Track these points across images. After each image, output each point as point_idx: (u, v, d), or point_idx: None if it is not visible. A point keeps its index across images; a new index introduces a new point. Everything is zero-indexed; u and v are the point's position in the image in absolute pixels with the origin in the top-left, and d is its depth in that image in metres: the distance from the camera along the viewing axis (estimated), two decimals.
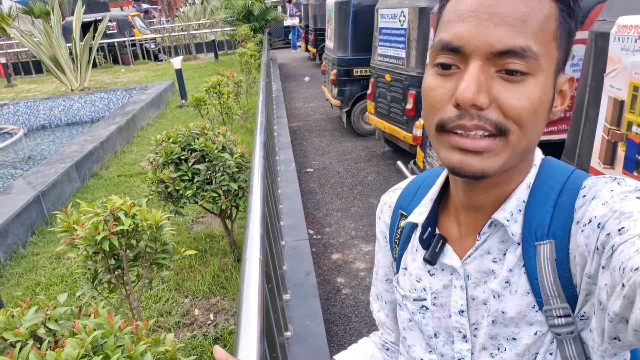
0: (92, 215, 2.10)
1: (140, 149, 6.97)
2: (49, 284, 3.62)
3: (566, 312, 0.65)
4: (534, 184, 0.69)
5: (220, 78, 6.53)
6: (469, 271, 0.73)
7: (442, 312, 0.77)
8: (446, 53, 0.61)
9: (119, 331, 1.37)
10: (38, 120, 10.18)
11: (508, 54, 0.58)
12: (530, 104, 0.59)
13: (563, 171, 0.70)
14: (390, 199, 0.91)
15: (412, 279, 0.81)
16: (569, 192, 0.66)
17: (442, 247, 0.76)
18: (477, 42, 0.58)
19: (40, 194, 4.73)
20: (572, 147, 2.26)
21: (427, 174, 0.88)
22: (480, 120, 0.59)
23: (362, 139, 7.32)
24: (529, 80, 0.59)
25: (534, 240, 0.66)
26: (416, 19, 4.95)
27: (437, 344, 0.79)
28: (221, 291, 3.32)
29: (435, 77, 0.64)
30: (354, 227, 4.65)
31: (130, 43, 17.23)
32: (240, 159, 3.37)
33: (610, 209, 0.58)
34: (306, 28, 15.13)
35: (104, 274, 2.23)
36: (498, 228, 0.70)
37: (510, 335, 0.69)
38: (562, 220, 0.65)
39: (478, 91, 0.58)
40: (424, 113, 0.68)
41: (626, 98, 1.85)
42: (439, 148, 0.65)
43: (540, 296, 0.66)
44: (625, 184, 0.61)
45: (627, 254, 0.49)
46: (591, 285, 0.59)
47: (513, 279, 0.68)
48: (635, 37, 1.78)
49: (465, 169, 0.61)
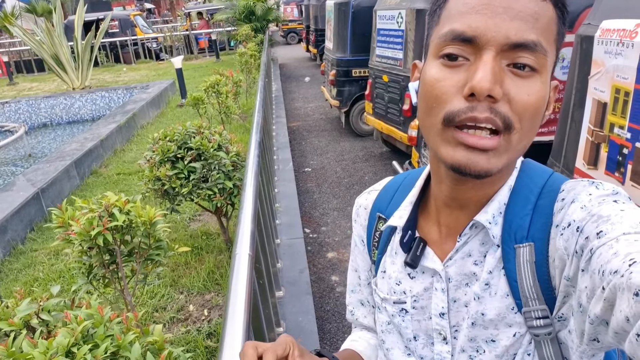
0: (87, 212, 2.14)
1: (139, 148, 7.01)
2: (46, 279, 3.66)
3: (545, 314, 0.65)
4: (514, 186, 0.70)
5: (219, 78, 6.58)
6: (450, 274, 0.73)
7: (422, 314, 0.77)
8: (457, 44, 0.61)
9: (109, 322, 1.42)
10: (39, 119, 10.23)
11: (521, 47, 0.58)
12: (536, 100, 0.60)
13: (542, 174, 0.71)
14: (365, 201, 0.90)
15: (392, 282, 0.81)
16: (548, 194, 0.67)
17: (422, 249, 0.76)
18: (493, 32, 0.58)
19: (39, 191, 4.78)
20: (558, 148, 2.30)
21: (404, 175, 0.88)
22: (491, 113, 0.58)
23: (360, 139, 7.36)
24: (536, 77, 0.60)
25: (513, 243, 0.67)
26: (413, 21, 4.99)
27: (416, 346, 0.78)
28: (216, 287, 3.36)
29: (440, 68, 0.63)
30: (349, 226, 4.69)
31: (132, 42, 17.30)
32: (235, 157, 3.42)
33: (588, 212, 0.59)
34: (307, 28, 15.19)
35: (98, 269, 2.27)
36: (479, 230, 0.71)
37: (490, 337, 0.70)
38: (542, 223, 0.66)
39: (494, 81, 0.58)
40: (424, 107, 0.65)
41: (609, 100, 1.89)
42: (442, 144, 0.63)
43: (520, 298, 0.66)
44: (603, 188, 0.62)
45: (605, 257, 0.50)
46: (569, 288, 0.60)
47: (493, 281, 0.69)
48: (617, 41, 1.82)
49: (472, 167, 0.61)
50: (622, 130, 1.82)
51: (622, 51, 1.79)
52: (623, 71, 1.80)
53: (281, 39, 22.69)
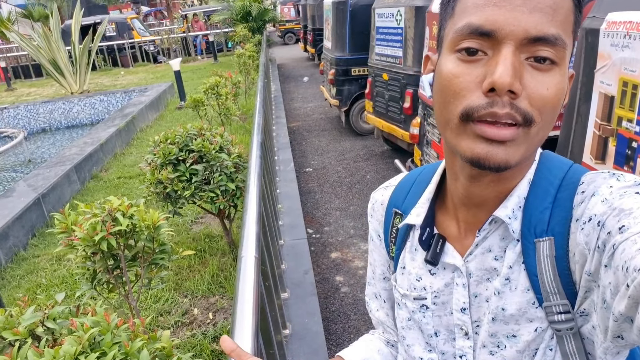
0: (90, 216, 2.12)
1: (139, 151, 6.99)
2: (49, 285, 3.64)
3: (566, 309, 0.64)
4: (533, 179, 0.69)
5: (219, 79, 6.56)
6: (470, 269, 0.73)
7: (443, 310, 0.76)
8: (474, 38, 0.59)
9: (116, 328, 1.39)
10: (38, 124, 10.22)
11: (541, 41, 0.57)
12: (555, 94, 0.59)
13: (561, 165, 0.69)
14: (382, 196, 0.90)
15: (412, 278, 0.80)
16: (568, 187, 0.66)
17: (442, 246, 0.75)
18: (512, 26, 0.57)
19: (40, 196, 4.76)
20: (565, 143, 2.28)
21: (419, 170, 0.87)
22: (512, 109, 0.57)
23: (361, 138, 7.34)
24: (555, 70, 0.58)
25: (533, 237, 0.66)
26: (412, 18, 4.97)
27: (437, 342, 0.78)
28: (220, 290, 3.34)
29: (458, 63, 0.61)
30: (352, 225, 4.67)
31: (130, 45, 17.28)
32: (237, 159, 3.39)
33: (609, 206, 0.57)
34: (304, 28, 15.18)
35: (102, 274, 2.25)
36: (498, 225, 0.70)
37: (510, 332, 0.69)
38: (561, 217, 0.64)
39: (515, 76, 0.56)
40: (441, 102, 0.64)
41: (616, 93, 1.87)
42: (460, 139, 0.62)
43: (540, 293, 0.66)
44: (624, 180, 0.60)
45: (629, 253, 0.49)
46: (591, 283, 0.59)
47: (513, 276, 0.68)
48: (624, 33, 1.79)
49: (491, 159, 0.59)
50: (631, 123, 1.80)
51: (630, 44, 1.77)
52: (631, 64, 1.77)
53: (279, 39, 22.68)
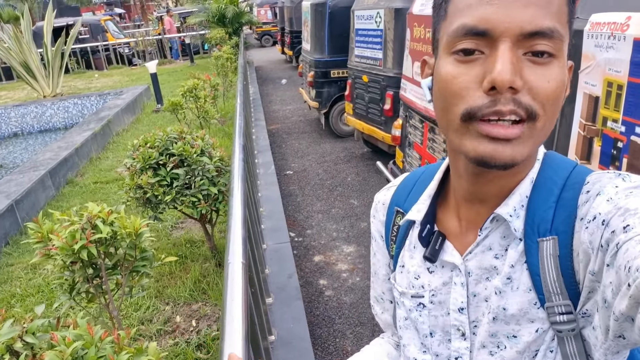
0: (68, 224, 2.04)
1: (116, 155, 6.85)
2: (24, 295, 3.52)
3: (568, 309, 0.64)
4: (536, 178, 0.68)
5: (197, 82, 6.47)
6: (470, 268, 0.72)
7: (440, 310, 0.76)
8: (469, 38, 0.59)
9: (100, 341, 1.33)
10: (9, 128, 9.93)
11: (537, 35, 0.57)
12: (556, 86, 0.59)
13: (566, 166, 0.69)
14: (384, 197, 0.90)
15: (410, 276, 0.80)
16: (572, 187, 0.65)
17: (442, 243, 0.75)
18: (506, 23, 0.57)
19: (13, 202, 4.61)
20: (549, 143, 2.29)
21: (422, 169, 0.87)
22: (515, 105, 0.57)
23: (341, 141, 7.33)
24: (554, 62, 0.58)
25: (536, 237, 0.65)
26: (392, 20, 4.98)
27: (432, 343, 0.77)
28: (203, 297, 3.28)
29: (455, 64, 0.61)
30: (335, 228, 4.65)
31: (104, 48, 16.98)
32: (219, 162, 3.34)
33: (614, 205, 0.57)
34: (282, 30, 15.12)
35: (82, 284, 2.17)
36: (500, 223, 0.69)
37: (511, 332, 0.68)
38: (566, 216, 0.64)
39: (514, 72, 0.56)
40: (442, 104, 0.64)
41: (601, 94, 1.88)
42: (464, 139, 0.62)
43: (542, 293, 0.65)
44: (630, 180, 0.60)
45: (632, 253, 0.49)
46: (594, 283, 0.59)
47: (515, 275, 0.67)
48: (608, 34, 1.81)
49: (498, 158, 0.59)
50: (616, 123, 1.81)
51: (614, 44, 1.78)
52: (615, 64, 1.79)
53: (255, 42, 22.57)
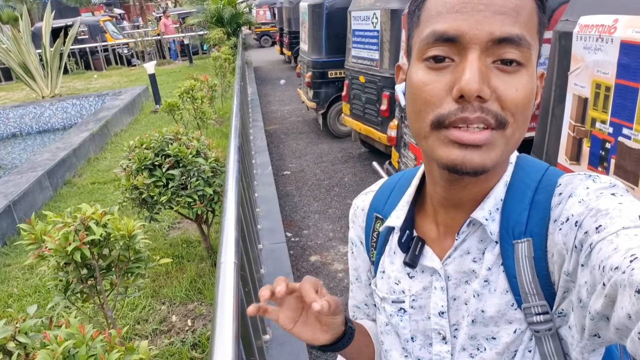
0: (61, 226, 2.06)
1: (114, 156, 6.86)
2: (21, 295, 3.54)
3: (544, 310, 0.65)
4: (510, 182, 0.70)
5: (194, 83, 6.48)
6: (449, 272, 0.73)
7: (421, 314, 0.76)
8: (440, 45, 0.60)
9: (91, 340, 1.35)
10: (8, 129, 9.94)
11: (506, 42, 0.58)
12: (525, 94, 0.60)
13: (538, 168, 0.70)
14: (363, 202, 0.90)
15: (391, 281, 0.80)
16: (545, 189, 0.67)
17: (421, 249, 0.75)
18: (475, 30, 0.57)
19: (11, 203, 4.62)
20: (540, 144, 2.31)
21: (399, 175, 0.88)
22: (482, 112, 0.58)
23: (339, 141, 7.35)
24: (522, 71, 0.59)
25: (511, 239, 0.66)
26: (388, 21, 4.99)
27: (413, 348, 0.78)
28: (199, 297, 3.29)
29: (426, 71, 0.62)
30: (331, 228, 4.66)
31: (103, 48, 16.98)
32: (215, 163, 3.35)
33: (586, 207, 0.58)
34: (280, 31, 15.14)
35: (76, 285, 2.19)
36: (477, 227, 0.70)
37: (490, 334, 0.69)
38: (539, 219, 0.65)
39: (482, 81, 0.57)
40: (413, 111, 0.65)
41: (589, 95, 1.90)
42: (434, 146, 0.62)
43: (519, 294, 0.66)
44: (600, 181, 0.62)
45: (605, 252, 0.50)
46: (569, 283, 0.60)
47: (492, 278, 0.68)
48: (596, 36, 1.83)
49: (467, 164, 0.60)
50: (604, 125, 1.83)
51: (602, 47, 1.80)
52: (603, 66, 1.80)
53: (254, 42, 22.58)
